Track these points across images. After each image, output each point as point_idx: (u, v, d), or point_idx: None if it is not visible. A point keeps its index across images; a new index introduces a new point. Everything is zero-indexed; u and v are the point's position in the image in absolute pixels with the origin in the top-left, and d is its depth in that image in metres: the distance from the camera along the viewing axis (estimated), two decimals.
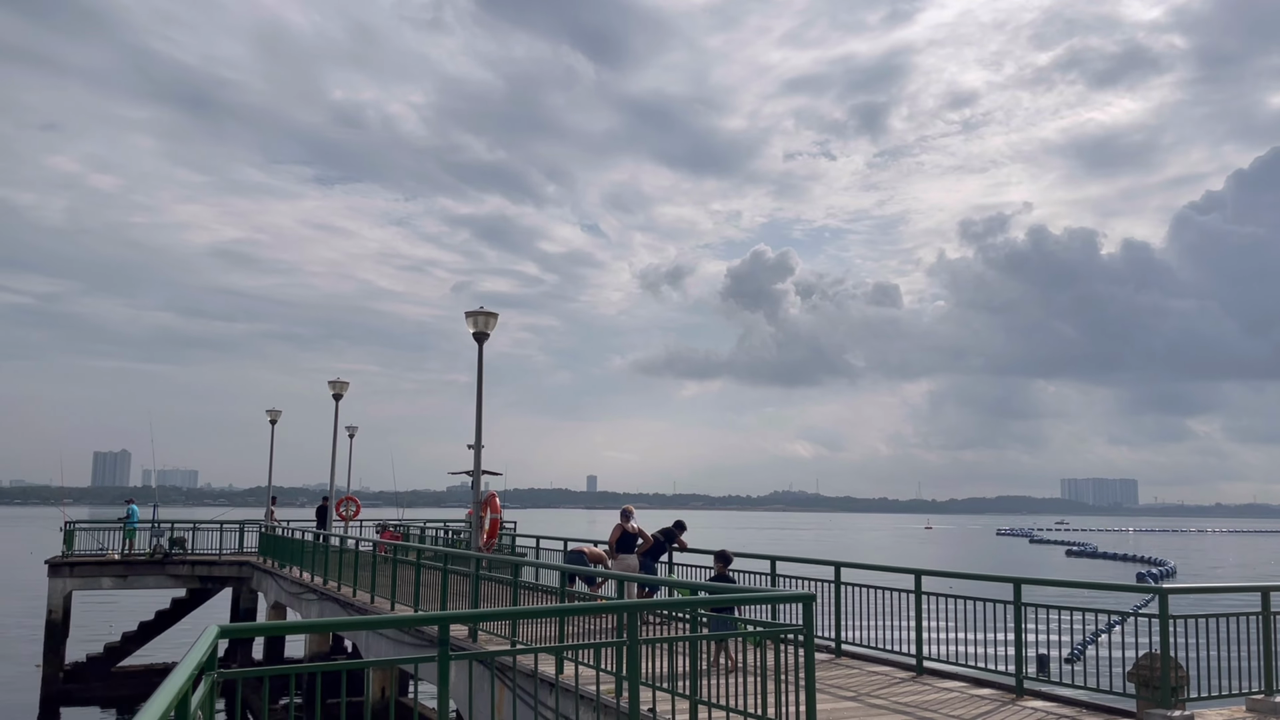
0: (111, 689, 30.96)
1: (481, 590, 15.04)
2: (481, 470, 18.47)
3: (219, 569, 33.33)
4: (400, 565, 18.67)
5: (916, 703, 11.13)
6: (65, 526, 33.07)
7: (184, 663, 5.25)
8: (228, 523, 35.26)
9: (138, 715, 4.03)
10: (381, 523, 35.77)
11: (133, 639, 32.86)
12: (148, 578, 32.88)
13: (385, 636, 17.77)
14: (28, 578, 68.44)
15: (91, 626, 40.12)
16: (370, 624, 8.54)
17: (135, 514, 34.56)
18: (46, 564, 32.13)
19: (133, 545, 33.70)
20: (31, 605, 52.22)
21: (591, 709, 9.72)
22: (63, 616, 31.06)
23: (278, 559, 29.81)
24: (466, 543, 30.25)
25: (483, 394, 17.88)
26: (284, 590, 27.64)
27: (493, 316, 17.78)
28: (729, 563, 14.29)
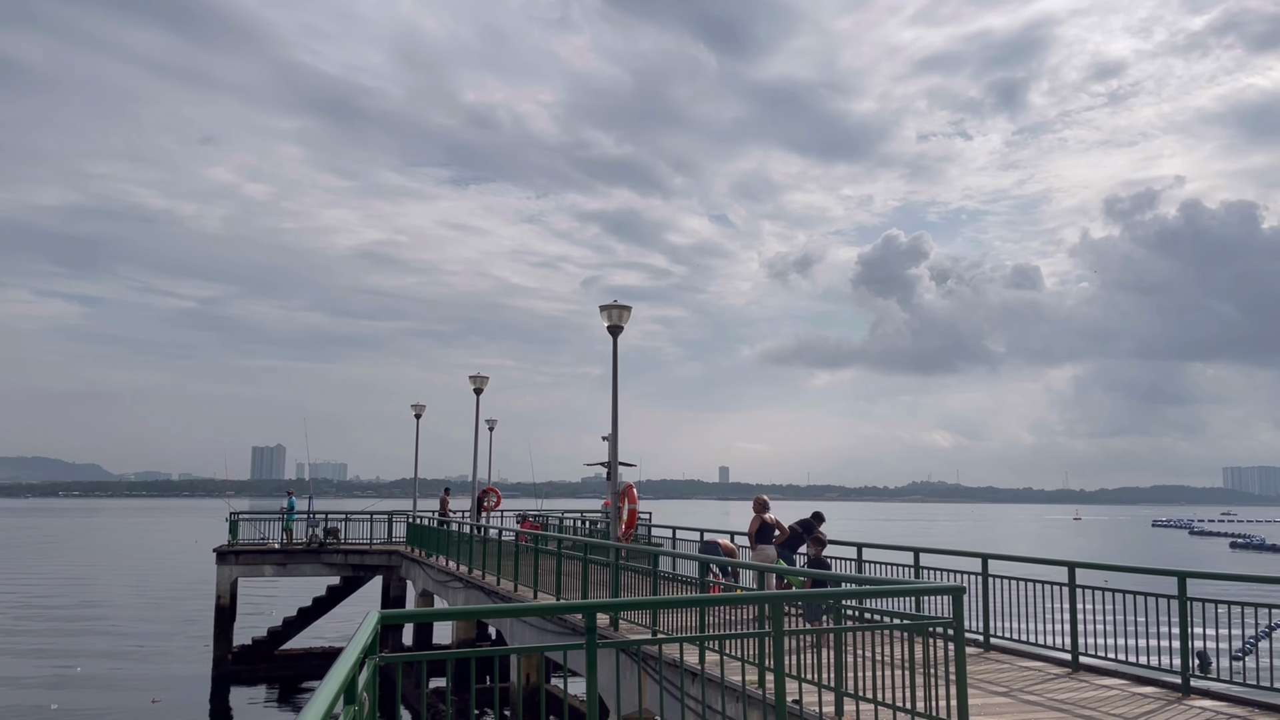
0: (274, 670, 32.74)
1: (620, 580, 15.23)
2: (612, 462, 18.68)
3: (370, 558, 34.76)
4: (541, 555, 19.08)
5: (1074, 700, 10.70)
6: (230, 517, 35.06)
7: (350, 647, 5.51)
8: (377, 513, 36.72)
9: (313, 695, 4.25)
10: (521, 513, 36.64)
11: (293, 623, 34.63)
12: (305, 566, 34.56)
13: (529, 624, 18.20)
14: (198, 566, 73.04)
15: (255, 611, 42.54)
16: (520, 611, 8.77)
17: (294, 505, 36.39)
18: (214, 552, 34.15)
19: (291, 535, 35.49)
20: (201, 591, 55.71)
21: (735, 699, 9.74)
22: (230, 601, 32.96)
23: (425, 548, 30.87)
24: (604, 533, 30.70)
25: (618, 386, 18.09)
26: (431, 578, 28.61)
27: (626, 310, 17.95)
28: (823, 546, 14.19)
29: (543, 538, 19.95)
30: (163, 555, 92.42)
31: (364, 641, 5.77)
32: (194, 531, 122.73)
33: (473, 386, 32.60)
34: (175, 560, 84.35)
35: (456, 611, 6.89)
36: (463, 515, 34.65)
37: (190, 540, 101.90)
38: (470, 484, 34.62)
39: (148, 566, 79.16)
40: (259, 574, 34.62)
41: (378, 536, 35.98)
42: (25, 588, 60.96)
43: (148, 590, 59.66)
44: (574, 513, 38.01)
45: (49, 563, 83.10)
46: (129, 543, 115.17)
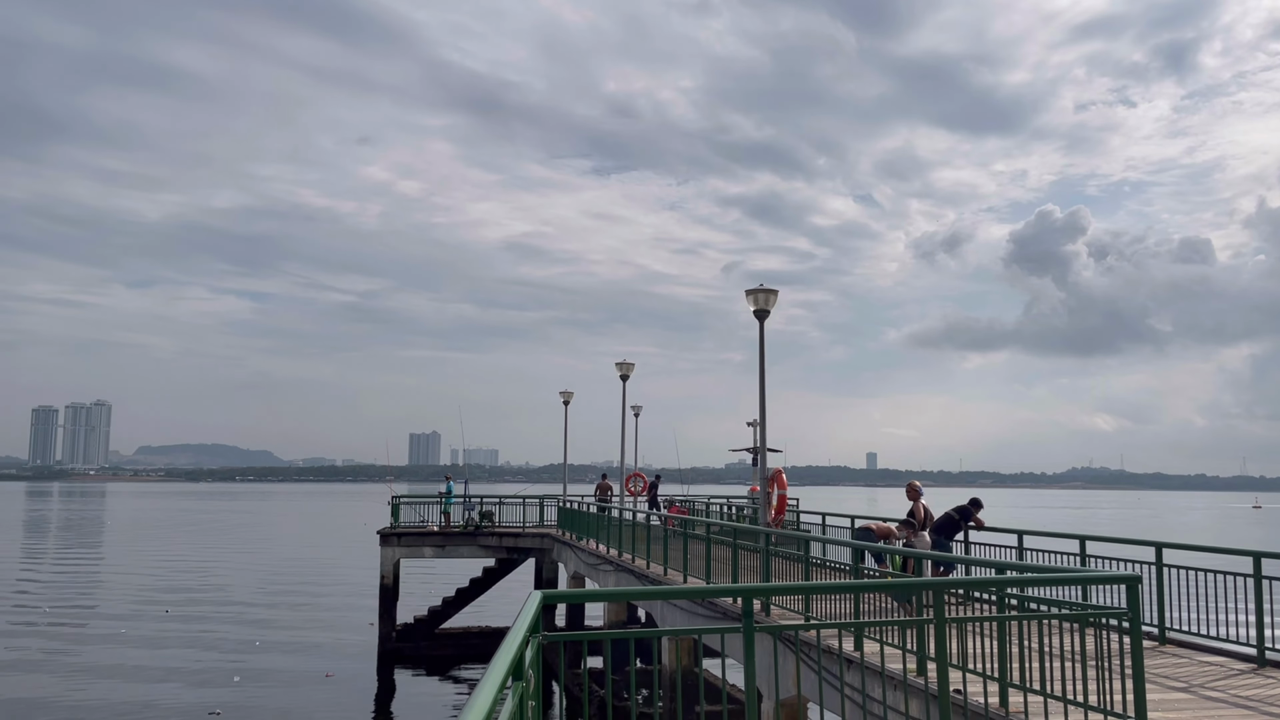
0: (435, 648, 34.10)
1: (771, 565, 15.17)
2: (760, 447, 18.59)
3: (523, 540, 35.75)
4: (690, 539, 19.19)
5: (1260, 697, 10.05)
6: (392, 501, 36.67)
7: (516, 625, 5.69)
8: (529, 498, 37.69)
9: (486, 671, 4.41)
10: (668, 498, 36.91)
11: (451, 603, 35.97)
12: (462, 548, 35.83)
13: (680, 608, 18.35)
14: (362, 547, 76.75)
15: (416, 591, 44.39)
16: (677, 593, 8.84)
17: (451, 490, 37.76)
18: (378, 534, 35.79)
19: (449, 518, 36.84)
20: (365, 571, 58.52)
21: (893, 687, 9.57)
22: (393, 581, 34.50)
23: (576, 532, 31.52)
24: (750, 518, 30.61)
25: (765, 371, 17.98)
26: (582, 561, 29.19)
27: (773, 293, 17.81)
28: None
29: (691, 522, 20.07)
30: (331, 537, 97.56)
31: (529, 620, 5.95)
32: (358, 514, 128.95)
33: (619, 373, 33.02)
34: (342, 541, 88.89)
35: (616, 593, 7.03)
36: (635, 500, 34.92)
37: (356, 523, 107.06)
38: (618, 469, 35.11)
39: (317, 547, 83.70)
40: (419, 555, 36.07)
41: (530, 520, 36.94)
42: (212, 566, 65.41)
43: (318, 569, 63.08)
44: (720, 498, 38.04)
45: (232, 542, 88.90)
46: (300, 525, 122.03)
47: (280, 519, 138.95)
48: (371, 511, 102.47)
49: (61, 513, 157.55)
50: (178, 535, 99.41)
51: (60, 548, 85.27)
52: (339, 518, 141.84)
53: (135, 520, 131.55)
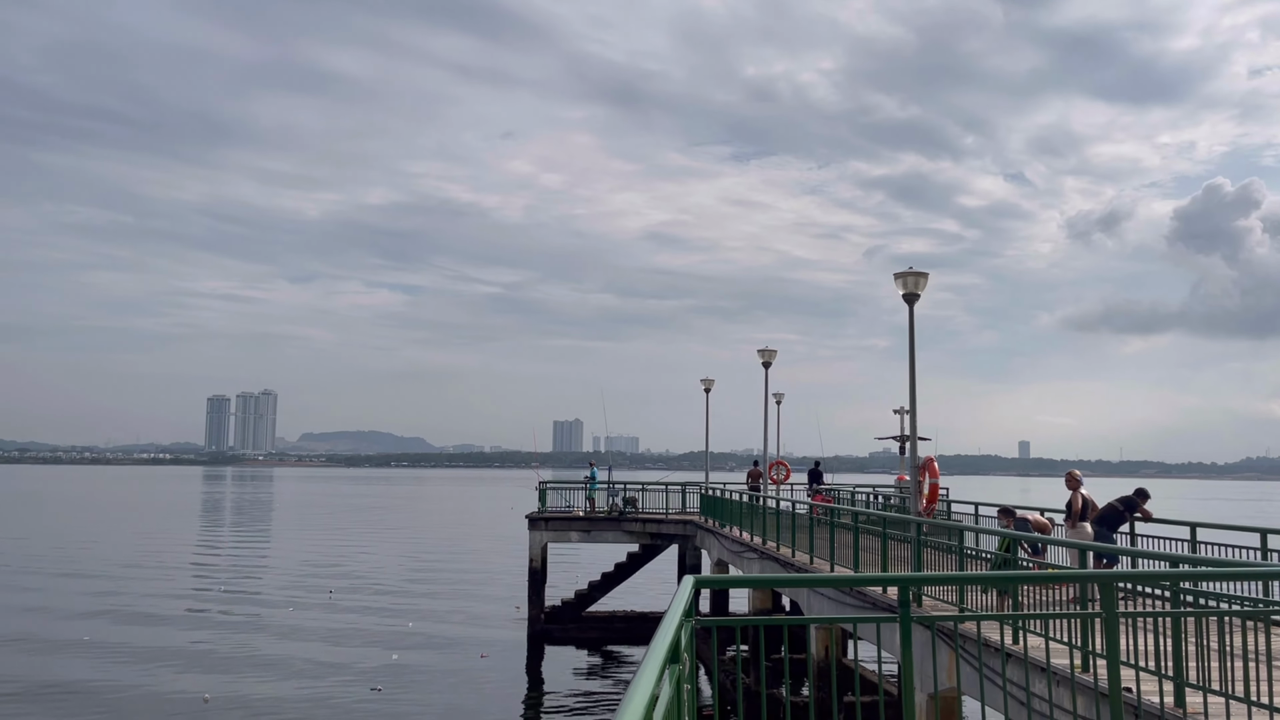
0: (582, 631, 34.79)
1: (922, 556, 14.81)
2: (911, 435, 18.15)
3: (666, 527, 36.02)
4: (837, 528, 18.93)
5: None
6: (539, 486, 37.55)
7: (672, 609, 5.74)
8: (672, 484, 37.94)
9: (646, 654, 4.47)
10: (812, 487, 36.48)
11: (597, 587, 36.60)
12: (607, 533, 36.39)
13: (826, 596, 18.15)
14: (510, 531, 78.89)
15: (562, 574, 45.35)
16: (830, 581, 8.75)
17: (595, 476, 38.40)
18: (526, 519, 36.72)
19: (594, 504, 37.48)
20: (513, 554, 60.15)
21: (1057, 683, 9.21)
22: (541, 565, 35.35)
23: (719, 519, 31.55)
24: (899, 507, 29.95)
25: (915, 356, 17.55)
26: (726, 548, 29.20)
27: (922, 277, 17.34)
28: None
29: (837, 511, 19.81)
30: (480, 521, 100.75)
31: (684, 604, 6.00)
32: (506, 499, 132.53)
33: (761, 360, 32.81)
34: (491, 525, 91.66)
35: (770, 579, 7.02)
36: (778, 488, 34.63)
37: (505, 507, 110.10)
38: (760, 457, 34.93)
39: (467, 530, 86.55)
40: (566, 539, 36.83)
41: (672, 507, 37.17)
42: (369, 548, 68.52)
43: (468, 552, 65.25)
44: (865, 487, 37.38)
45: (388, 525, 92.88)
46: (451, 509, 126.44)
47: (432, 503, 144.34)
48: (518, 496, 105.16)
49: (234, 495, 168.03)
50: (338, 518, 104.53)
51: (234, 528, 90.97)
52: (487, 502, 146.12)
53: (300, 503, 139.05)
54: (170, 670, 28.68)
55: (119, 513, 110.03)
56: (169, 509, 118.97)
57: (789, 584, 6.02)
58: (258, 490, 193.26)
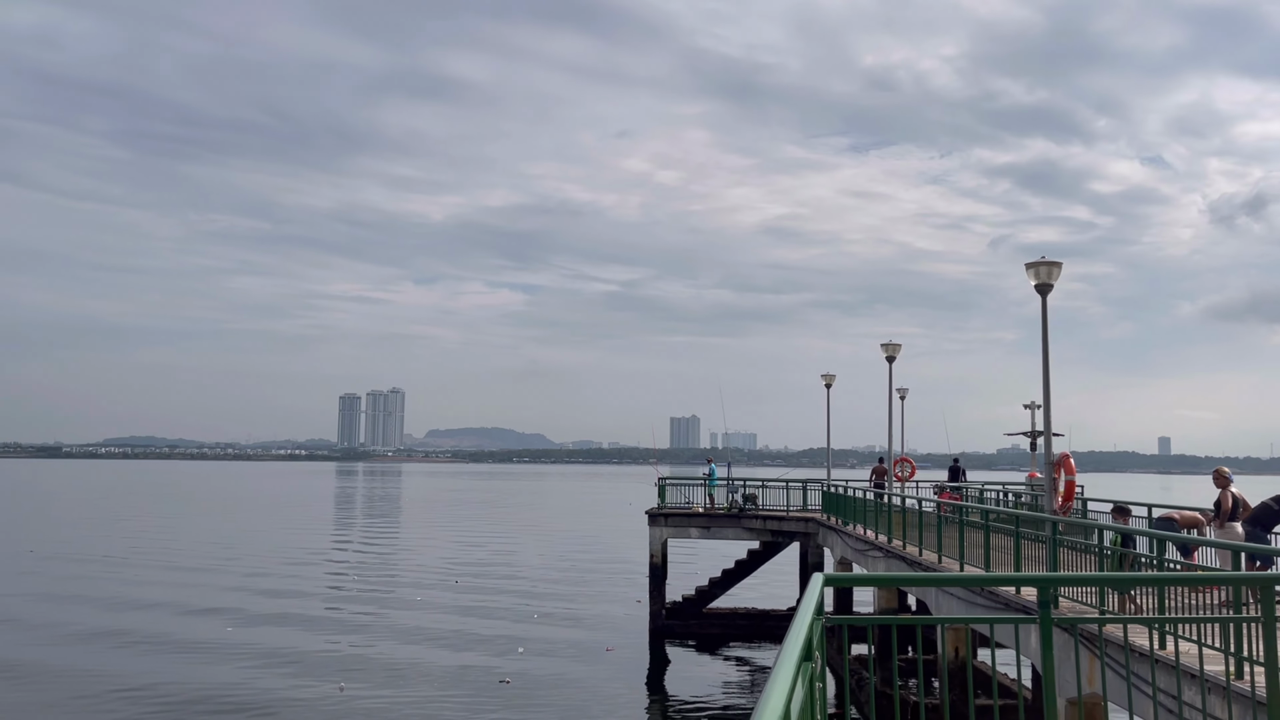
0: (703, 627, 34.78)
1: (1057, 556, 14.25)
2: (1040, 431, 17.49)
3: (787, 524, 35.67)
4: (966, 526, 18.40)
5: None
6: (658, 482, 37.68)
7: (803, 607, 5.67)
8: (792, 481, 37.56)
9: (781, 651, 4.42)
10: (939, 484, 35.61)
11: (717, 584, 36.53)
12: (726, 529, 36.26)
13: (956, 596, 17.66)
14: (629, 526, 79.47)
15: (682, 570, 45.43)
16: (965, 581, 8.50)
17: (714, 472, 38.33)
18: (646, 514, 36.90)
19: (714, 500, 37.41)
20: (632, 549, 60.58)
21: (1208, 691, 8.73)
22: (661, 560, 35.47)
23: (842, 516, 31.07)
24: (1031, 506, 28.93)
25: (1048, 349, 16.90)
26: (849, 546, 28.74)
27: (1055, 266, 16.70)
28: None
29: (966, 508, 19.24)
30: (599, 516, 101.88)
31: (814, 602, 5.92)
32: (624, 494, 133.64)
33: (885, 354, 32.15)
34: (610, 520, 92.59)
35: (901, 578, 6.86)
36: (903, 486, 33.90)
37: (624, 502, 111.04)
38: (884, 453, 34.25)
39: (587, 525, 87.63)
40: (685, 535, 36.86)
41: (793, 504, 36.80)
42: (493, 542, 70.07)
43: (588, 546, 66.02)
44: (994, 485, 36.26)
45: (511, 520, 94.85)
46: (571, 504, 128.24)
47: (553, 498, 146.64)
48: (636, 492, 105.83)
49: (365, 490, 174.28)
50: (464, 513, 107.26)
51: (366, 521, 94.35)
52: (607, 497, 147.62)
53: (427, 498, 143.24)
54: (306, 660, 29.91)
55: (259, 507, 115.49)
56: (305, 503, 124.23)
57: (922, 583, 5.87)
58: (387, 485, 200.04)
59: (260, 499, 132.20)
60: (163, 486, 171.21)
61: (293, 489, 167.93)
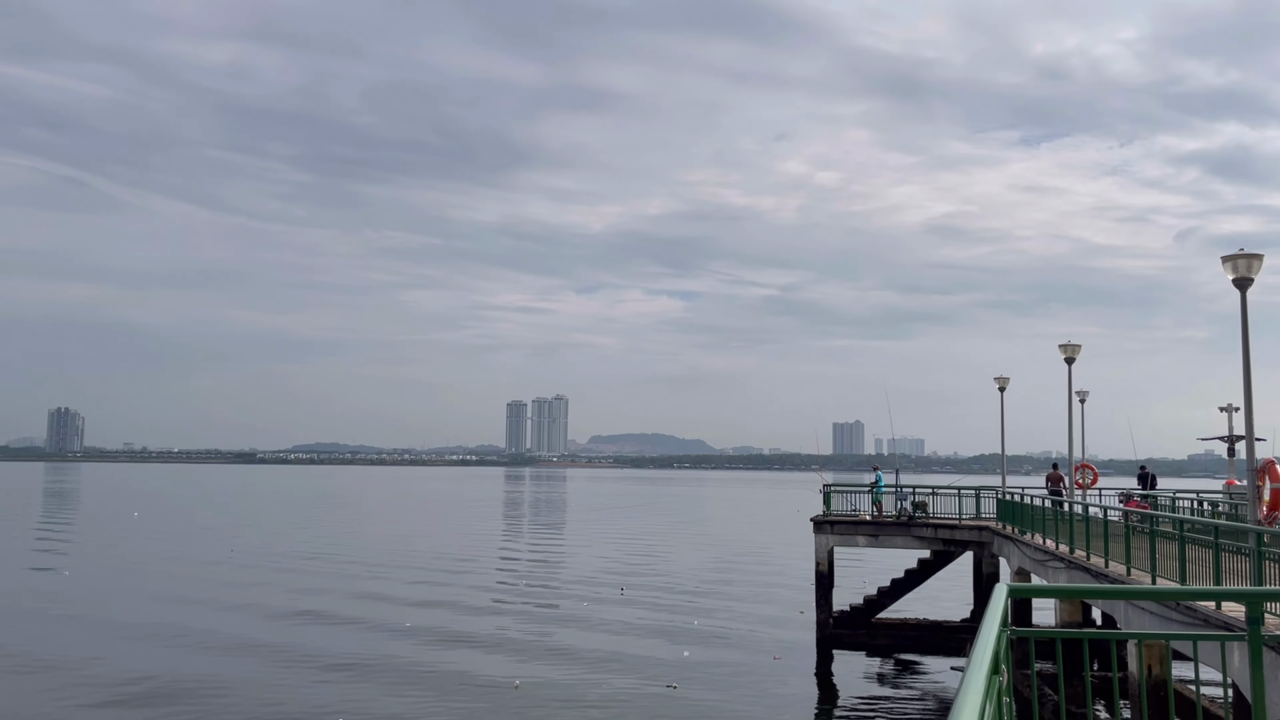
0: (872, 637, 33.99)
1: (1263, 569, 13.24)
2: (1240, 436, 16.27)
3: (959, 533, 34.49)
4: (1158, 537, 17.32)
5: None
6: (823, 489, 37.12)
7: (988, 619, 5.48)
8: (964, 488, 36.30)
9: (969, 666, 4.29)
10: (1125, 492, 33.68)
11: (886, 593, 35.65)
12: (895, 538, 35.36)
13: (1147, 611, 16.64)
14: (792, 533, 78.61)
15: (847, 579, 44.61)
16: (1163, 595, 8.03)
17: (881, 479, 37.47)
18: (811, 521, 36.42)
19: (881, 508, 36.57)
20: (794, 557, 59.88)
21: None
22: (828, 569, 34.90)
23: (1019, 525, 29.82)
24: (1228, 515, 26.99)
25: (1249, 347, 15.72)
26: (1027, 556, 27.54)
27: (1256, 259, 15.55)
28: None
29: (1156, 518, 18.11)
30: (761, 522, 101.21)
31: (999, 613, 5.71)
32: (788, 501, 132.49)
33: (1063, 356, 30.65)
34: (773, 527, 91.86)
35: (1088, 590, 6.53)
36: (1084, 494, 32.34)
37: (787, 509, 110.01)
38: (1060, 459, 32.65)
39: (749, 532, 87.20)
40: (852, 544, 36.16)
41: (966, 512, 35.57)
42: (656, 547, 70.69)
43: (750, 553, 65.68)
44: (1187, 493, 33.98)
45: (672, 525, 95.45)
46: (732, 510, 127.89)
47: (715, 504, 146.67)
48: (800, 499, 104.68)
49: (531, 494, 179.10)
50: (626, 517, 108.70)
51: (534, 525, 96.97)
52: (768, 504, 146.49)
53: (590, 502, 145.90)
54: (481, 657, 30.98)
55: (435, 510, 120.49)
56: (477, 507, 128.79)
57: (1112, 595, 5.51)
58: (553, 489, 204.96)
59: (436, 502, 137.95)
60: (346, 491, 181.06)
61: (466, 493, 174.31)
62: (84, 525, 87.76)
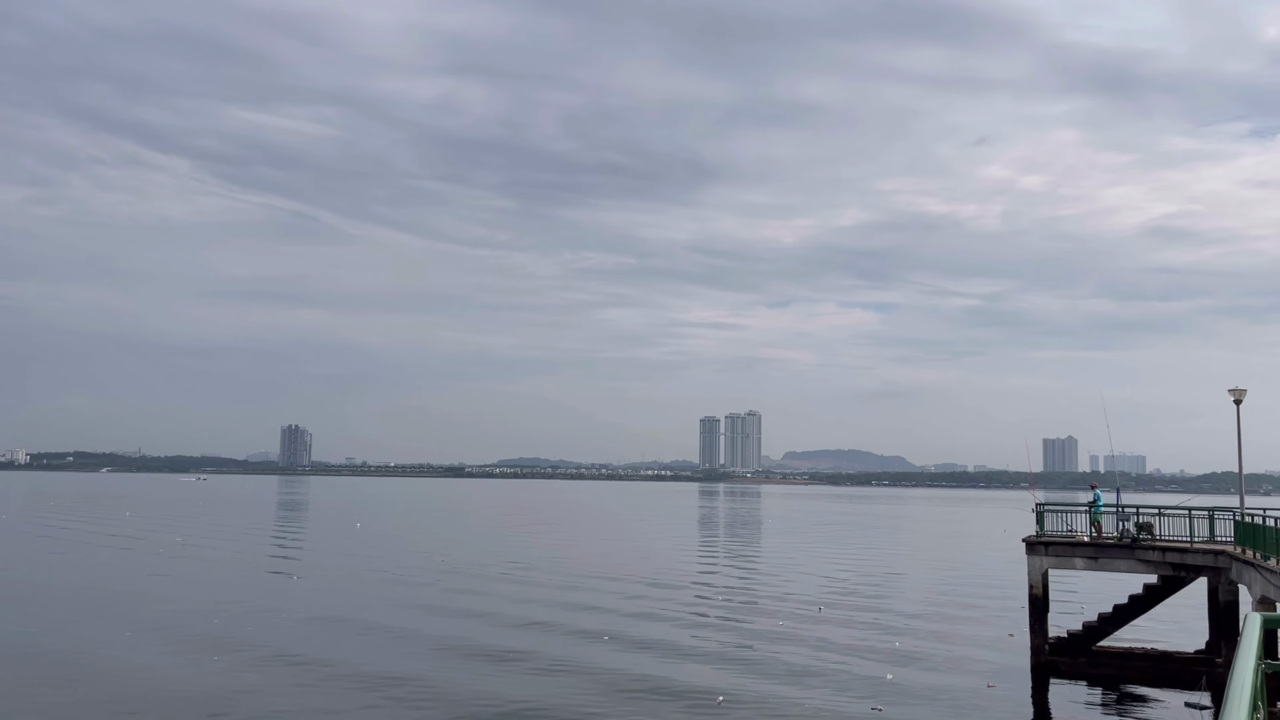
0: (1093, 666, 31.92)
1: None
2: None
3: (1191, 557, 31.90)
4: None
5: None
6: (1036, 509, 35.21)
7: (1243, 651, 5.06)
8: (1196, 509, 33.58)
9: (1226, 701, 3.97)
10: None
11: (1108, 620, 33.41)
12: (1117, 561, 33.09)
13: None
14: (1000, 555, 75.03)
15: (1065, 604, 42.09)
16: None
17: (1100, 498, 35.21)
18: (1024, 543, 34.62)
19: (1099, 529, 34.34)
20: (1002, 579, 57.05)
21: None
22: (1042, 592, 33.06)
23: (1261, 549, 27.30)
24: None
25: None
26: (1272, 584, 25.17)
27: None
28: None
29: None
30: (966, 543, 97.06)
31: (1255, 646, 5.25)
32: (995, 520, 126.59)
33: None
34: (979, 548, 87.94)
35: None
36: None
37: (995, 529, 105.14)
38: None
39: (953, 553, 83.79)
40: (1069, 566, 34.14)
41: (1198, 534, 32.88)
42: (855, 567, 69.07)
43: (955, 574, 63.05)
44: None
45: (871, 545, 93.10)
46: (935, 530, 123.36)
47: (916, 522, 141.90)
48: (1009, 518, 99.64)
49: (726, 510, 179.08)
50: (823, 534, 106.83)
51: (729, 541, 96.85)
52: (974, 523, 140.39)
53: (786, 519, 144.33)
54: (680, 669, 31.15)
55: (630, 524, 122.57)
56: (672, 522, 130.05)
57: None
58: (747, 505, 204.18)
59: (632, 516, 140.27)
60: (547, 504, 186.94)
61: (661, 508, 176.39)
62: (313, 535, 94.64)
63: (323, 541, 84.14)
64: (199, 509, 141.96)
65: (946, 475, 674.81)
